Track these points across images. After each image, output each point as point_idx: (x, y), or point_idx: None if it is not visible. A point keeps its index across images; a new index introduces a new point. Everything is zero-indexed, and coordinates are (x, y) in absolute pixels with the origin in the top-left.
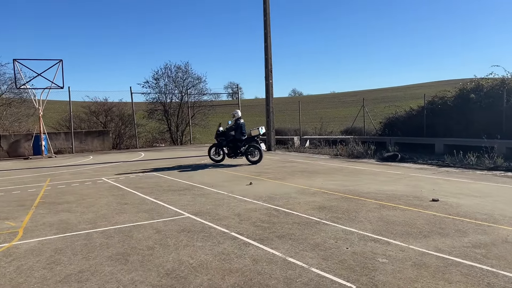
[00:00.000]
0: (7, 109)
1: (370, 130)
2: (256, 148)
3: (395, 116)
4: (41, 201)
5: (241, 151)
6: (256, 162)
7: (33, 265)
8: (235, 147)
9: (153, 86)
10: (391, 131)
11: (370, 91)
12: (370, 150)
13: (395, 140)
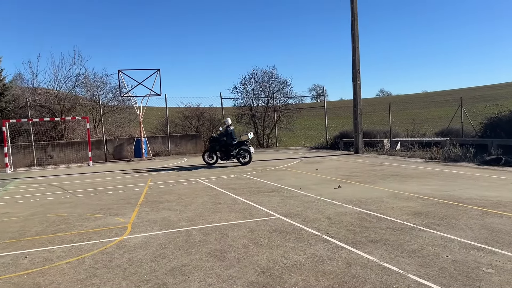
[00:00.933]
0: (112, 116)
1: (469, 132)
2: (246, 151)
3: (497, 116)
4: (144, 200)
5: (233, 154)
6: (246, 163)
7: (142, 257)
8: (227, 151)
9: (241, 91)
10: (493, 133)
11: (465, 89)
12: (469, 153)
13: (497, 142)
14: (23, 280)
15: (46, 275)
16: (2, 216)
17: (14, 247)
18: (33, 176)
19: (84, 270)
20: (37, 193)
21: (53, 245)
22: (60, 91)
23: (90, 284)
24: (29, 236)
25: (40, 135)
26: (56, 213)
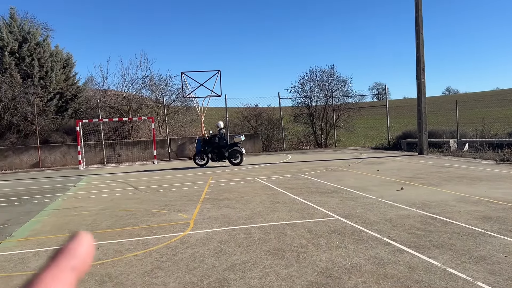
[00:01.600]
0: (175, 116)
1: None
2: (238, 152)
3: None
4: (205, 197)
5: (225, 155)
6: (238, 164)
7: (204, 253)
8: (219, 152)
9: (299, 91)
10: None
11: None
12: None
13: None
14: (96, 270)
15: (117, 266)
16: (77, 210)
17: None
18: (103, 173)
19: (151, 263)
20: (107, 189)
21: (122, 238)
22: (128, 92)
23: (156, 276)
24: (100, 229)
25: (110, 134)
26: (125, 208)
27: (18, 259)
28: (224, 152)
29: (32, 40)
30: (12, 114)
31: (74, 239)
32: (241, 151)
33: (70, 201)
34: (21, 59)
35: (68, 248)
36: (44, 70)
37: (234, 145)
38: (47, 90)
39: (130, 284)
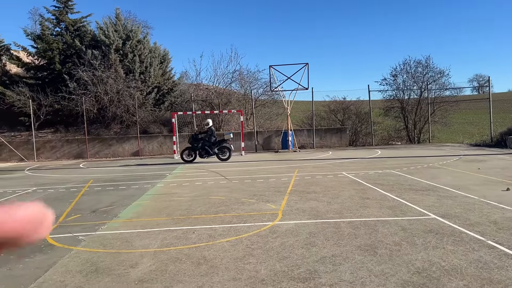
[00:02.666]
0: (262, 109)
1: None
2: (227, 148)
3: None
4: (292, 189)
5: (214, 152)
6: (226, 159)
7: (293, 243)
8: (209, 148)
9: (391, 83)
10: None
11: None
12: None
13: None
14: (192, 252)
15: (211, 250)
16: (173, 196)
17: (184, 223)
18: (196, 162)
19: (242, 250)
20: (199, 177)
21: (215, 224)
22: (218, 86)
23: (248, 262)
24: (195, 214)
25: (201, 126)
26: (216, 196)
27: (124, 238)
28: (212, 148)
29: (134, 38)
30: (116, 106)
31: (30, 207)
32: (229, 147)
33: (167, 187)
34: (124, 55)
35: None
36: (144, 65)
37: (223, 141)
38: (146, 84)
39: (224, 268)
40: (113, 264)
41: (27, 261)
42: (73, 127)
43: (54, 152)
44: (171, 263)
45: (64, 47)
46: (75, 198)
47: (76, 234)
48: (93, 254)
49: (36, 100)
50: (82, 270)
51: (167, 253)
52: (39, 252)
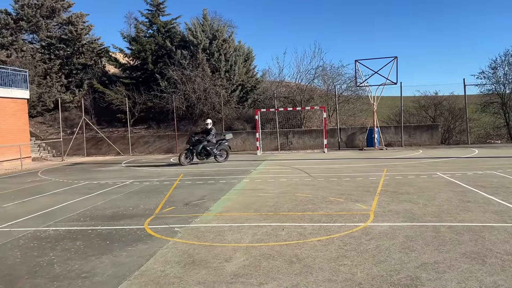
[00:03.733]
0: (345, 105)
1: None
2: (225, 150)
3: None
4: (382, 189)
5: (215, 153)
6: (224, 161)
7: (389, 247)
8: (209, 150)
9: (489, 77)
10: None
11: None
12: None
13: None
14: (283, 250)
15: (302, 248)
16: (260, 192)
17: (272, 219)
18: (278, 159)
19: (335, 250)
20: (283, 174)
21: (304, 222)
22: (300, 83)
23: (342, 264)
24: (282, 211)
25: (283, 123)
26: (302, 193)
27: (216, 231)
28: (212, 149)
29: (219, 37)
30: (203, 104)
31: None
32: (227, 149)
33: (253, 183)
34: (211, 54)
35: None
36: (229, 64)
37: (223, 142)
38: (231, 82)
39: (318, 268)
40: (208, 257)
41: (129, 249)
42: (164, 123)
43: (147, 147)
44: (264, 259)
45: (156, 48)
46: (169, 191)
47: (172, 226)
48: (189, 246)
49: (132, 98)
50: (180, 261)
51: (259, 249)
52: (139, 242)
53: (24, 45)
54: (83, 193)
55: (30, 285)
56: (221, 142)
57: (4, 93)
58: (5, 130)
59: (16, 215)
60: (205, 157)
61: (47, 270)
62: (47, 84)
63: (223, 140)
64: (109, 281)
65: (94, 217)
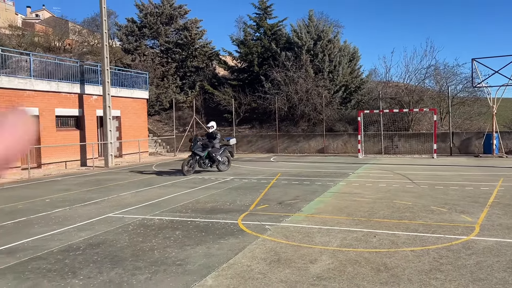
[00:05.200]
0: (460, 108)
1: None
2: (227, 157)
3: None
4: (495, 201)
5: (219, 160)
6: (226, 169)
7: (492, 264)
8: (215, 156)
9: None
10: None
11: None
12: None
13: None
14: (372, 257)
15: (392, 257)
16: (355, 196)
17: (364, 225)
18: (380, 163)
19: (428, 262)
20: (384, 179)
21: (398, 231)
22: (409, 84)
23: (434, 277)
24: (377, 218)
25: (388, 125)
26: (401, 200)
27: (305, 232)
28: (216, 156)
29: (324, 38)
30: (305, 105)
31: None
32: (229, 156)
33: (349, 186)
34: (315, 55)
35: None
36: (333, 64)
37: (227, 148)
38: (334, 83)
39: (406, 279)
40: (294, 257)
41: (222, 242)
42: (266, 124)
43: (249, 146)
44: (349, 264)
45: (262, 50)
46: (265, 189)
47: (263, 223)
48: (276, 244)
49: (238, 99)
50: (266, 258)
51: (346, 254)
52: (231, 236)
53: (146, 50)
54: (188, 187)
55: (132, 266)
56: (225, 148)
57: (127, 94)
58: (128, 126)
59: (130, 204)
60: (209, 165)
61: (148, 255)
62: (164, 85)
63: (226, 145)
64: (199, 270)
65: (195, 209)
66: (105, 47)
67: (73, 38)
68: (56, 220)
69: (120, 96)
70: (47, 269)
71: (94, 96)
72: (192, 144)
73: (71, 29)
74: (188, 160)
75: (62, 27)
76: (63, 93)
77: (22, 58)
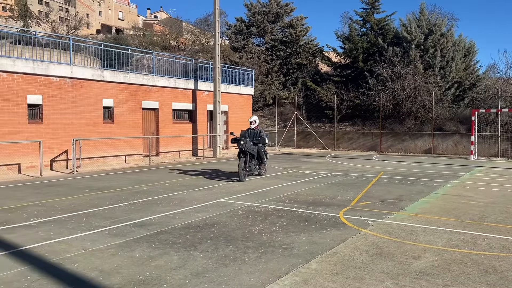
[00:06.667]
0: None
1: None
2: (262, 158)
3: None
4: None
5: (265, 162)
6: (265, 173)
7: None
8: (263, 156)
9: None
10: None
11: None
12: None
13: None
14: (479, 259)
15: (502, 261)
16: (464, 198)
17: (473, 227)
18: (496, 167)
19: None
20: (498, 183)
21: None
22: None
23: None
24: (488, 222)
25: (507, 126)
26: None
27: (408, 230)
28: (264, 157)
29: (436, 32)
30: (412, 102)
31: None
32: (263, 157)
33: (458, 189)
34: (425, 50)
35: None
36: (445, 60)
37: (262, 147)
38: (445, 79)
39: None
40: (396, 252)
41: (324, 232)
42: (369, 121)
43: (350, 143)
44: (454, 263)
45: (367, 46)
46: (366, 187)
47: (365, 218)
48: (378, 238)
49: (339, 96)
50: (368, 250)
51: (451, 254)
52: (333, 227)
53: (252, 47)
54: (290, 180)
55: (244, 246)
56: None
57: (234, 90)
58: (234, 120)
59: (237, 191)
60: (257, 167)
61: (256, 237)
62: (268, 82)
63: (264, 145)
64: (303, 255)
65: (297, 200)
66: (217, 46)
67: (186, 37)
68: (176, 202)
69: (229, 92)
70: (173, 241)
71: (206, 92)
72: (240, 141)
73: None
74: (244, 161)
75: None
76: (179, 89)
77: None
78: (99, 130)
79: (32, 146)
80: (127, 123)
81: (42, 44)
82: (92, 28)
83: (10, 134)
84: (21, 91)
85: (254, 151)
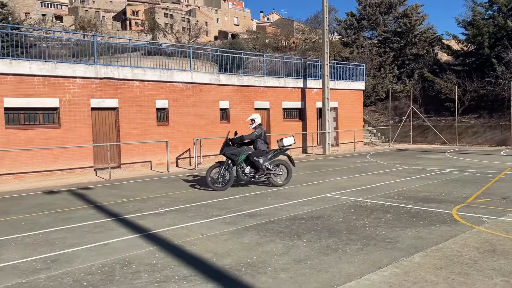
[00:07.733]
0: None
1: None
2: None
3: None
4: None
5: (268, 168)
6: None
7: None
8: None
9: None
10: None
11: None
12: None
13: None
14: None
15: None
16: None
17: None
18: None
19: None
20: None
21: None
22: None
23: None
24: None
25: None
26: None
27: None
28: (259, 162)
29: None
30: None
31: None
32: (288, 164)
33: None
34: None
35: None
36: None
37: (280, 152)
38: None
39: None
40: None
41: (432, 228)
42: (497, 112)
43: (475, 137)
44: None
45: (494, 30)
46: (488, 183)
47: (480, 216)
48: (493, 236)
49: (462, 86)
50: (479, 247)
51: None
52: (443, 224)
53: (363, 41)
54: (402, 176)
55: (346, 238)
56: (277, 152)
57: (344, 86)
58: (344, 117)
59: (344, 187)
60: (252, 174)
61: (360, 231)
62: (380, 75)
63: (281, 149)
64: (407, 249)
65: (407, 197)
66: (325, 43)
67: (297, 37)
68: (284, 196)
69: (338, 88)
70: (279, 231)
71: (315, 90)
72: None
73: (295, 28)
74: (216, 167)
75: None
76: (288, 88)
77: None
78: (217, 130)
79: (160, 145)
80: (241, 123)
81: (167, 54)
82: (211, 35)
83: (143, 135)
84: (150, 96)
85: (235, 155)
